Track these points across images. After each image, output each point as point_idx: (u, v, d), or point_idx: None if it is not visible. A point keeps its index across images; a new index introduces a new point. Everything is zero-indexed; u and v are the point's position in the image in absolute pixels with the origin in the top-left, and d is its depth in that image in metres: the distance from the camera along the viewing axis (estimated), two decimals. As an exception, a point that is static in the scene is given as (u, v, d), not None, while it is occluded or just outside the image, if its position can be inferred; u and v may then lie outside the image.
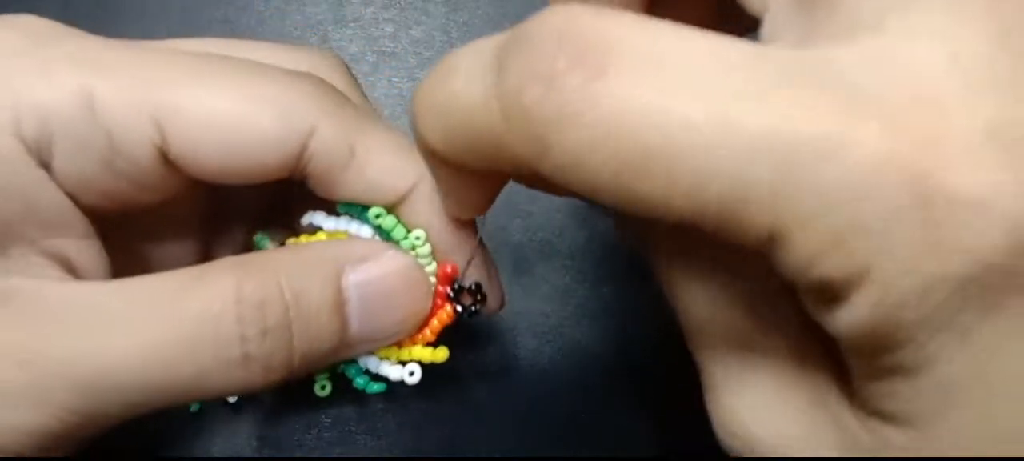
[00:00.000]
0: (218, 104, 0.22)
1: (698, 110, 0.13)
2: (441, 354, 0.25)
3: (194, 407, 0.30)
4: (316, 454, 0.33)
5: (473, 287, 0.25)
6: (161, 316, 0.20)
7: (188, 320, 0.20)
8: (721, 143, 0.13)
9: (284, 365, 0.22)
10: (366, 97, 0.28)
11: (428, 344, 0.25)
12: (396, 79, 0.36)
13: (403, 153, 0.24)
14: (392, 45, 0.36)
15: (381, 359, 0.25)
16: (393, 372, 0.25)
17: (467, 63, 0.16)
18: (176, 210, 0.27)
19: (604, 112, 0.13)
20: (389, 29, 0.36)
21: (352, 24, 0.36)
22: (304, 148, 0.23)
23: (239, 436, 0.33)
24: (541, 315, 0.34)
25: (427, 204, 0.24)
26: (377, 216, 0.24)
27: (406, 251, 0.24)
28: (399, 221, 0.25)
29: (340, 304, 0.22)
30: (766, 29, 0.17)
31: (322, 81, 0.24)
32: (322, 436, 0.34)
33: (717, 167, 0.13)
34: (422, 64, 0.36)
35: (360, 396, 0.34)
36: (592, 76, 0.13)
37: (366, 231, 0.25)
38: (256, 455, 0.33)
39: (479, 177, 0.20)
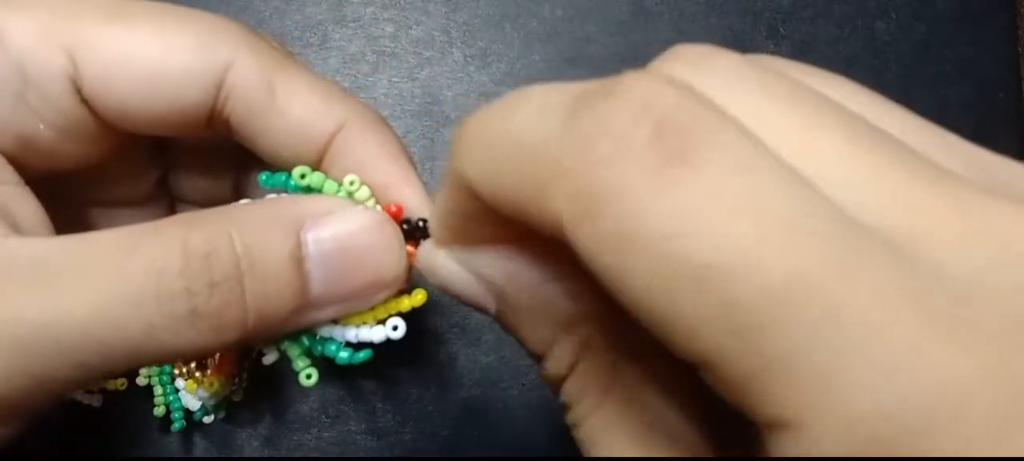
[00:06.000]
0: (133, 36, 0.22)
1: (773, 253, 0.11)
2: (419, 297, 0.22)
3: (177, 425, 0.29)
4: (316, 454, 0.33)
5: (419, 223, 0.23)
6: (107, 272, 0.19)
7: (134, 275, 0.19)
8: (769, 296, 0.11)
9: (237, 324, 0.20)
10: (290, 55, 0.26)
11: (401, 291, 0.23)
12: (396, 79, 0.36)
13: (327, 92, 0.23)
14: (392, 45, 0.36)
15: (358, 326, 0.23)
16: (375, 334, 0.23)
17: (535, 101, 0.14)
18: (121, 192, 0.26)
19: (670, 205, 0.12)
20: (389, 29, 0.36)
21: (352, 24, 0.36)
22: (221, 83, 0.22)
23: (239, 436, 0.33)
24: (541, 315, 0.34)
25: (359, 143, 0.23)
26: (303, 176, 0.22)
27: (373, 208, 0.22)
28: (327, 176, 0.23)
29: (298, 259, 0.21)
30: None
31: (242, 24, 0.23)
32: (322, 436, 0.34)
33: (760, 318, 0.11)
34: (422, 64, 0.36)
35: (359, 395, 0.34)
36: (671, 160, 0.12)
37: None
38: (256, 455, 0.33)
39: (495, 226, 0.18)
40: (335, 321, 0.23)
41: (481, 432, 0.34)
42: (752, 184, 0.12)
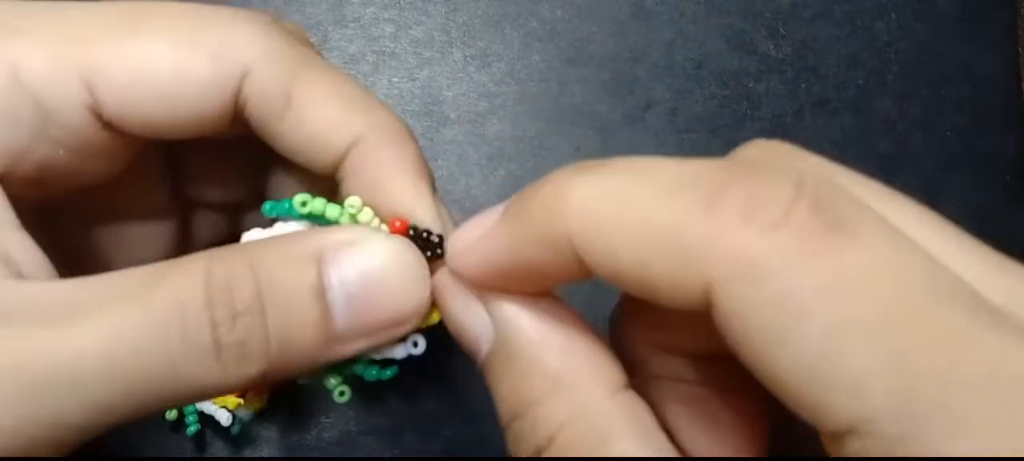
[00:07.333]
0: (146, 52, 0.21)
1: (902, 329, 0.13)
2: (433, 316, 0.23)
3: (191, 430, 0.29)
4: (316, 454, 0.33)
5: (425, 233, 0.23)
6: (127, 306, 0.19)
7: (156, 308, 0.19)
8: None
9: (260, 354, 0.20)
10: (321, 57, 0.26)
11: None
12: (396, 79, 0.36)
13: (346, 101, 0.23)
14: (392, 45, 0.36)
15: None
16: (397, 351, 0.23)
17: (653, 182, 0.16)
18: (135, 199, 0.26)
19: (832, 269, 0.13)
20: (389, 29, 0.36)
21: (352, 24, 0.36)
22: (238, 91, 0.22)
23: (239, 436, 0.33)
24: (541, 315, 0.34)
25: (373, 160, 0.23)
26: (304, 203, 0.22)
27: (397, 237, 0.22)
28: (328, 201, 0.22)
29: (320, 291, 0.20)
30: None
31: (269, 21, 0.23)
32: (322, 436, 0.34)
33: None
34: (422, 64, 0.36)
35: (360, 394, 0.34)
36: (830, 228, 0.14)
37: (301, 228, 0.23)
38: (256, 455, 0.33)
39: (536, 279, 0.19)
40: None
41: (481, 432, 0.34)
42: (904, 252, 0.14)
